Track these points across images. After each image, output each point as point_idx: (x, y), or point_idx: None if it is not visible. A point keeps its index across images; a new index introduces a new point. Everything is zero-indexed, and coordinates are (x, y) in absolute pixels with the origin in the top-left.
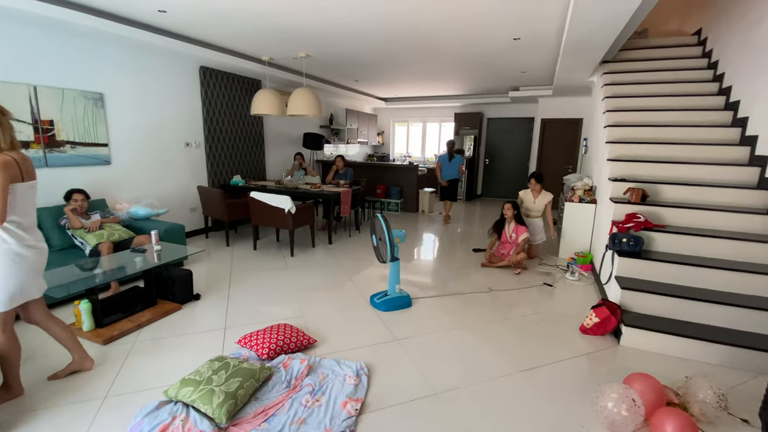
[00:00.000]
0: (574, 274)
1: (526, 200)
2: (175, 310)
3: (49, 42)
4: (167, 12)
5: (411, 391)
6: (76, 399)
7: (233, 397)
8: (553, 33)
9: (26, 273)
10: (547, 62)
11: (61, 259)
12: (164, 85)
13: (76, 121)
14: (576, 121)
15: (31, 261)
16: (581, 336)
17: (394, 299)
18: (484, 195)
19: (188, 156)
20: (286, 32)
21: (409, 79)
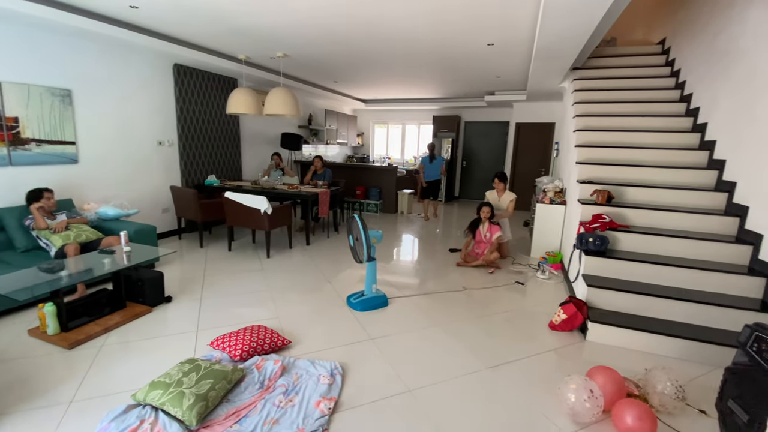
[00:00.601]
0: (545, 272)
1: (491, 199)
2: (145, 312)
3: (14, 37)
4: (139, 8)
5: (384, 389)
6: (40, 404)
7: (204, 399)
8: (525, 40)
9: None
10: (521, 68)
11: (25, 261)
12: (136, 83)
13: (42, 118)
14: (549, 126)
15: None
16: (550, 332)
17: (371, 299)
18: (461, 197)
19: (161, 155)
20: (262, 32)
21: (389, 81)
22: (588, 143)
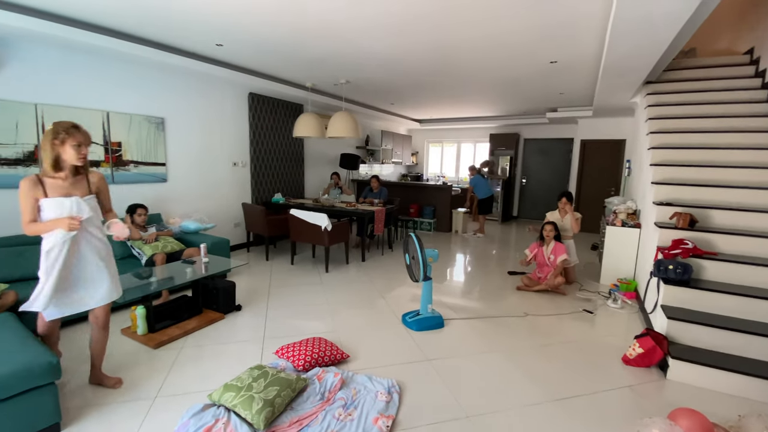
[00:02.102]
0: (617, 301)
1: (555, 220)
2: (218, 319)
3: (119, 73)
4: (223, 45)
5: (443, 412)
6: (129, 398)
7: (271, 404)
8: (592, 56)
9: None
10: (586, 84)
11: (120, 267)
12: (217, 110)
13: (140, 143)
14: (618, 143)
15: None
16: (623, 367)
17: (427, 319)
18: (520, 216)
19: (235, 175)
20: (328, 62)
21: (445, 102)
22: (665, 162)
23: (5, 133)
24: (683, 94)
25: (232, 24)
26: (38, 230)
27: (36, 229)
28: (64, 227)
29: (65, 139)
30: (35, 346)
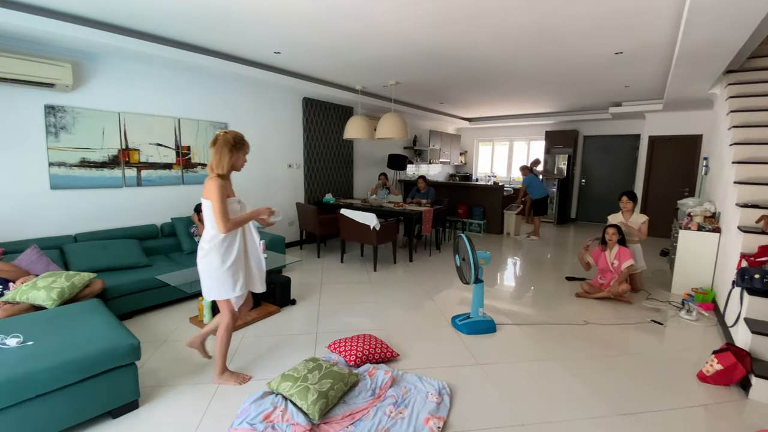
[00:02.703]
0: (691, 312)
1: (617, 223)
2: (275, 312)
3: (190, 82)
4: (281, 53)
5: (495, 418)
6: (198, 381)
7: (325, 396)
8: (663, 45)
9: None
10: (656, 75)
11: (188, 260)
12: (274, 115)
13: (206, 146)
14: (693, 138)
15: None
16: (698, 384)
17: (478, 322)
18: (579, 218)
19: (289, 176)
20: (380, 64)
21: (496, 99)
22: (750, 159)
23: (93, 139)
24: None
25: (290, 32)
26: (236, 224)
27: (234, 222)
28: (274, 217)
29: (240, 148)
30: (119, 329)
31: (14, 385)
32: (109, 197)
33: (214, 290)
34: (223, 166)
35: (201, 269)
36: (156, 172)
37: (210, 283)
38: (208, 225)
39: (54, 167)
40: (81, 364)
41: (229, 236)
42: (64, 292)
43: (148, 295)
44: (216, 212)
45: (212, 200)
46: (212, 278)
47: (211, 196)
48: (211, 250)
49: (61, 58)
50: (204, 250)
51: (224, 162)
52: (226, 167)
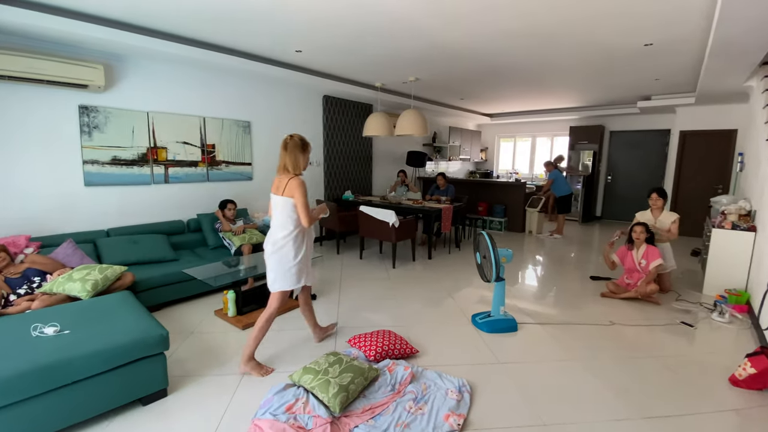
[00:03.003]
0: (724, 314)
1: (646, 221)
2: (296, 306)
3: (214, 81)
4: (302, 51)
5: (517, 417)
6: (223, 372)
7: (346, 390)
8: (695, 35)
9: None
10: (688, 67)
11: (213, 255)
12: (295, 113)
13: (230, 144)
14: (727, 133)
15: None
16: (730, 388)
17: (498, 321)
18: (604, 216)
19: (310, 174)
20: (399, 59)
21: (519, 94)
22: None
23: (124, 138)
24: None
25: (311, 30)
26: (314, 219)
27: (313, 217)
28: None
29: (306, 149)
30: (149, 321)
31: (52, 372)
32: (138, 194)
33: (281, 281)
34: (299, 167)
35: (273, 262)
36: (182, 169)
37: (280, 275)
38: (284, 220)
39: (87, 165)
40: (114, 352)
41: (301, 232)
42: (98, 284)
43: (176, 288)
44: (301, 207)
45: (296, 197)
46: (284, 271)
47: (295, 194)
48: (286, 244)
49: (93, 59)
50: (278, 245)
51: (300, 162)
52: (302, 167)
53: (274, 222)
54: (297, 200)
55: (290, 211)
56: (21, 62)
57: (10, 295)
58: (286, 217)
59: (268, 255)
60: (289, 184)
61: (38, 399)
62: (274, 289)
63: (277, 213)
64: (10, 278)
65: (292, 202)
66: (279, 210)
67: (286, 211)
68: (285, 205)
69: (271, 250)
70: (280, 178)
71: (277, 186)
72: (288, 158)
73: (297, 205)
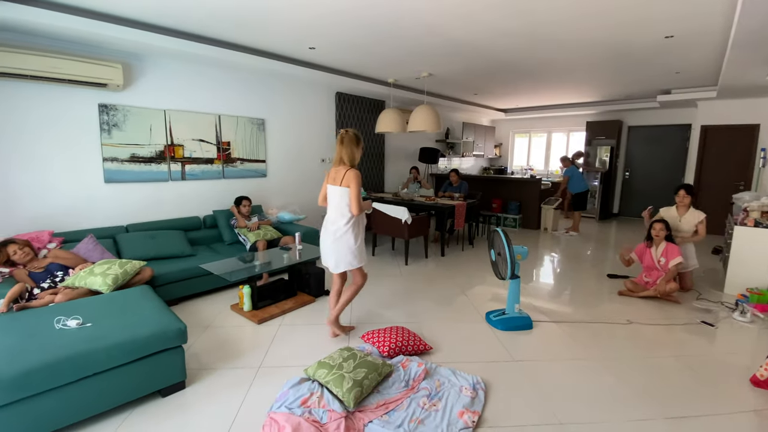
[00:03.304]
0: (746, 314)
1: (668, 218)
2: (310, 302)
3: (229, 79)
4: (316, 48)
5: (531, 415)
6: (239, 365)
7: (360, 385)
8: (717, 27)
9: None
10: (710, 60)
11: (229, 251)
12: (308, 110)
13: (245, 142)
14: (750, 128)
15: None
16: (752, 389)
17: (513, 319)
18: (621, 213)
19: (323, 170)
20: (411, 55)
21: (536, 89)
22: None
23: (142, 136)
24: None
25: (325, 25)
26: (363, 208)
27: (363, 207)
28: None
29: (360, 144)
30: (168, 314)
31: (75, 363)
32: (156, 190)
33: (347, 263)
34: (355, 159)
35: (338, 246)
36: (199, 166)
37: (345, 258)
38: (344, 209)
39: (107, 162)
40: (134, 345)
41: (360, 218)
42: (118, 278)
43: (193, 282)
44: (354, 197)
45: (351, 187)
46: (349, 253)
47: (351, 184)
48: (348, 230)
49: (112, 59)
50: (341, 231)
51: (355, 155)
52: (357, 160)
53: (334, 211)
54: (351, 190)
55: (347, 199)
56: (43, 62)
57: (34, 288)
58: (344, 205)
59: (332, 241)
60: (346, 175)
61: (62, 389)
62: (340, 269)
63: (335, 202)
64: (34, 272)
65: (347, 192)
66: (337, 199)
67: (344, 200)
68: (343, 194)
69: (334, 237)
70: (337, 169)
71: (334, 177)
72: (344, 152)
73: (351, 194)
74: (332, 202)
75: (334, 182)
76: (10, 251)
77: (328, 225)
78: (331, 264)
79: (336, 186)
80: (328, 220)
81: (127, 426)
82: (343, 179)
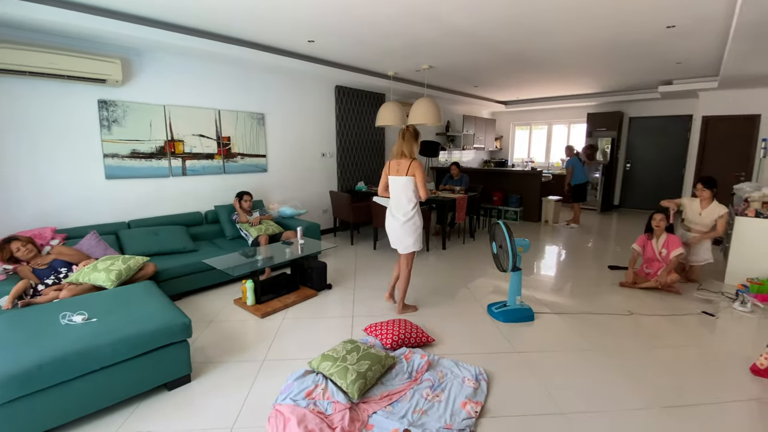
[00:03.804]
0: (746, 304)
1: (690, 210)
2: (312, 295)
3: (228, 74)
4: (315, 41)
5: (534, 405)
6: (243, 358)
7: (363, 377)
8: (719, 15)
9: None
10: (712, 50)
11: (231, 246)
12: (308, 105)
13: (245, 136)
14: (751, 118)
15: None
16: (752, 378)
17: (515, 311)
18: (623, 205)
19: (323, 165)
20: (412, 47)
21: (536, 80)
22: None
23: (142, 131)
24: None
25: (323, 18)
26: (428, 193)
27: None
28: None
29: (418, 138)
30: (172, 309)
31: (81, 358)
32: (157, 186)
33: (413, 244)
34: (414, 152)
35: (406, 229)
36: (199, 162)
37: (411, 239)
38: (410, 195)
39: (108, 158)
40: (139, 339)
41: (419, 204)
42: (121, 274)
43: (196, 277)
44: (421, 184)
45: (418, 176)
46: (415, 235)
47: (416, 173)
48: (414, 214)
49: (110, 54)
50: (408, 215)
51: (414, 149)
52: (416, 153)
53: (401, 198)
54: (418, 178)
55: (414, 187)
56: (42, 58)
57: (38, 285)
58: (411, 192)
59: (401, 224)
60: (411, 165)
61: (70, 384)
62: (408, 250)
63: (401, 190)
64: (38, 269)
65: (414, 180)
66: (402, 188)
67: (410, 187)
68: (408, 183)
69: (404, 220)
70: (399, 162)
71: (397, 169)
72: (405, 146)
73: (417, 182)
74: (396, 190)
75: (397, 173)
76: (13, 248)
77: (394, 212)
78: (401, 246)
79: (400, 176)
80: (394, 207)
81: (134, 419)
82: (408, 169)
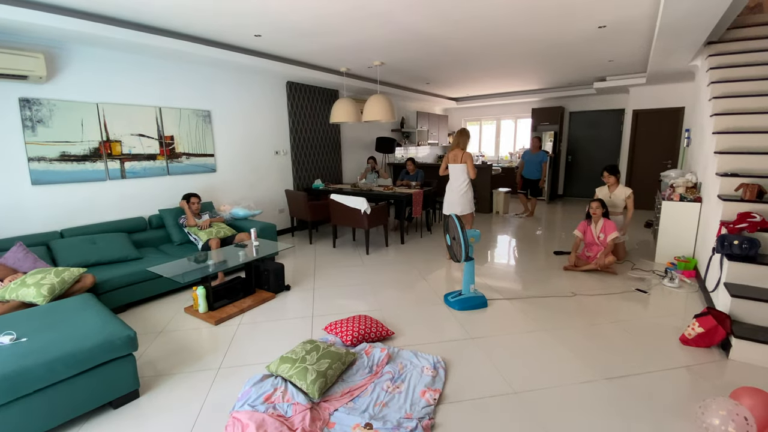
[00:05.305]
0: (674, 280)
1: (604, 196)
2: (270, 298)
3: (170, 69)
4: (261, 36)
5: (488, 387)
6: (197, 368)
7: (324, 376)
8: (645, 17)
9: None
10: (639, 48)
11: (179, 252)
12: (258, 101)
13: (189, 135)
14: (675, 111)
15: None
16: (681, 347)
17: (469, 299)
18: (566, 195)
19: (277, 163)
20: (362, 44)
21: (483, 77)
22: (730, 129)
23: (72, 132)
24: (750, 54)
25: (269, 12)
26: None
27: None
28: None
29: (470, 136)
30: (114, 322)
31: (10, 382)
32: (93, 191)
33: (468, 207)
34: (467, 145)
35: (461, 199)
36: (140, 163)
37: (468, 204)
38: (465, 176)
39: (33, 162)
40: (77, 357)
41: (470, 181)
42: (55, 288)
43: (141, 287)
44: (471, 168)
45: (469, 163)
46: (469, 203)
47: (468, 161)
48: (468, 189)
49: (32, 48)
50: (464, 188)
51: (468, 142)
52: (468, 145)
53: (459, 177)
54: (468, 165)
55: (466, 171)
56: None
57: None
58: (465, 174)
59: (459, 196)
60: (464, 155)
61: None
62: (465, 212)
63: (459, 172)
64: None
65: (466, 166)
66: (460, 171)
67: (464, 171)
68: (463, 168)
69: (460, 194)
70: (455, 152)
71: (454, 158)
72: (461, 141)
73: (469, 167)
74: (455, 173)
75: (454, 161)
76: None
77: (453, 187)
78: (459, 210)
79: (457, 164)
80: (453, 183)
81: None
82: (461, 159)
